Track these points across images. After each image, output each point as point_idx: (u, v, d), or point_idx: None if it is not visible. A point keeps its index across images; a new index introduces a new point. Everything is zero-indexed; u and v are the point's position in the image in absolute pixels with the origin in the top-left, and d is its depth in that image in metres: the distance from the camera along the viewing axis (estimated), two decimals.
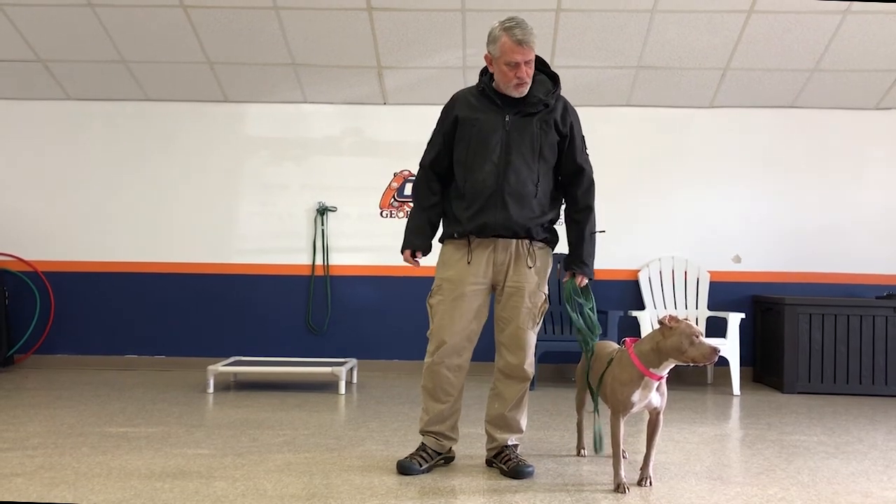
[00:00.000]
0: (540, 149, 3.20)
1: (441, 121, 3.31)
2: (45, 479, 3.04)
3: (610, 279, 6.27)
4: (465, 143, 3.21)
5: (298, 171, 6.38)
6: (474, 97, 3.26)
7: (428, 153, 3.34)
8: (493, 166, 3.15)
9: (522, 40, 3.03)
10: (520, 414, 3.33)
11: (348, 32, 5.61)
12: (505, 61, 3.07)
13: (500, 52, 3.07)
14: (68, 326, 6.35)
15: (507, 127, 3.18)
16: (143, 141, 6.43)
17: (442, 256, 3.29)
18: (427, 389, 3.27)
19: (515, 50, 3.04)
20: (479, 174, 3.16)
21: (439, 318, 3.20)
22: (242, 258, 6.36)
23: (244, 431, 4.00)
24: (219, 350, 6.29)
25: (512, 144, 3.17)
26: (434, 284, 3.27)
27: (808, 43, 5.59)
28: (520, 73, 3.08)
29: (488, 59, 3.15)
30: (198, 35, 5.67)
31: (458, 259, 3.21)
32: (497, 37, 3.07)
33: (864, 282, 6.22)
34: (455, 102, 3.30)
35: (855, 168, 6.30)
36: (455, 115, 3.25)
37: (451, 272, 3.21)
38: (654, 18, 5.41)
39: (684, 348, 2.87)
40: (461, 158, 3.22)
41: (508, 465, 3.20)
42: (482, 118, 3.19)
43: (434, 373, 3.23)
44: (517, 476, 3.14)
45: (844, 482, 3.19)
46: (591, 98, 6.23)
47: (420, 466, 3.19)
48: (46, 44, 5.80)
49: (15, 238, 6.38)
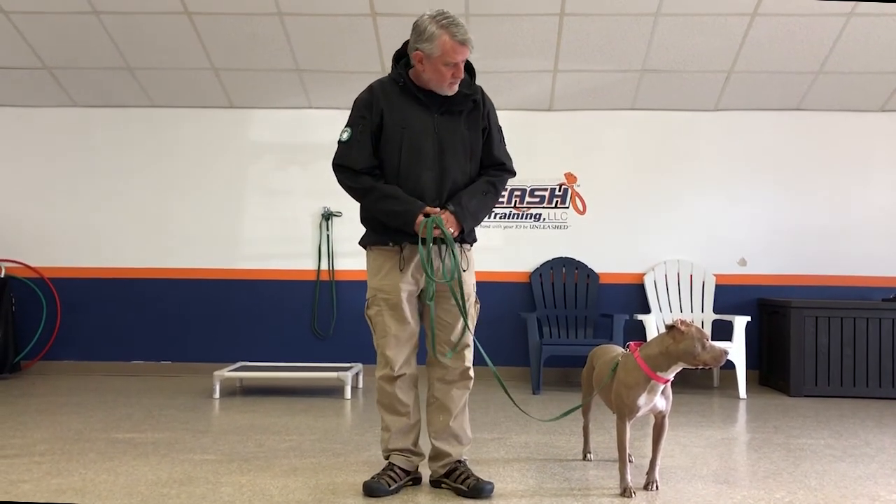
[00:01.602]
0: (471, 149, 3.02)
1: (362, 117, 2.97)
2: (52, 485, 3.05)
3: (615, 283, 6.27)
4: (394, 147, 2.95)
5: (304, 177, 6.39)
6: (395, 93, 2.98)
7: (354, 154, 2.95)
8: (430, 174, 2.95)
9: (465, 40, 2.85)
10: (466, 423, 3.11)
11: (352, 38, 5.62)
12: (444, 62, 2.86)
13: (439, 52, 2.84)
14: (74, 333, 6.36)
15: (436, 129, 2.97)
16: (149, 147, 6.45)
17: (372, 264, 3.09)
18: (384, 405, 3.06)
19: (457, 50, 2.85)
20: (416, 183, 2.94)
21: (381, 329, 3.03)
22: (248, 264, 6.38)
23: (250, 437, 4.00)
24: (224, 355, 6.30)
25: (445, 149, 2.97)
26: (368, 295, 3.09)
27: (813, 45, 5.58)
28: (458, 72, 2.91)
29: (419, 56, 2.89)
30: (202, 42, 5.69)
31: (390, 268, 3.01)
32: (434, 34, 2.84)
33: (870, 284, 6.20)
34: (375, 96, 2.98)
35: (860, 170, 6.29)
36: (381, 110, 2.95)
37: (384, 281, 3.02)
38: (658, 22, 5.41)
39: (697, 352, 2.87)
40: (392, 164, 2.95)
41: (467, 483, 2.96)
42: (411, 120, 2.95)
43: (388, 385, 3.03)
44: (478, 496, 2.92)
45: (852, 486, 3.18)
46: (595, 102, 6.23)
47: (389, 486, 2.94)
48: (52, 51, 5.82)
49: (21, 245, 6.40)
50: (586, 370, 3.51)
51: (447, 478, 3.03)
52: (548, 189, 6.33)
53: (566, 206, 6.33)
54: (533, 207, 6.31)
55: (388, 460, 3.07)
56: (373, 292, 3.08)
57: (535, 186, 6.29)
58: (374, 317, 3.07)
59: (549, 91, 6.12)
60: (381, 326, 3.05)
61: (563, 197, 6.33)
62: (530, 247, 6.26)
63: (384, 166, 2.99)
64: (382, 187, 2.95)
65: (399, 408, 3.05)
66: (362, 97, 3.02)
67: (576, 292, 6.20)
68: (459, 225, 2.96)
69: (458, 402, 3.07)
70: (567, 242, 6.31)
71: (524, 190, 6.30)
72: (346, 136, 2.98)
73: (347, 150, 2.98)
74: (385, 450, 3.10)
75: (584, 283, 6.21)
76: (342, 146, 3.00)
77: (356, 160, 2.96)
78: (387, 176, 2.98)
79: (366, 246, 3.14)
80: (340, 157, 3.00)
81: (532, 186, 6.30)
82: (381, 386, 3.06)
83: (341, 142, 3.00)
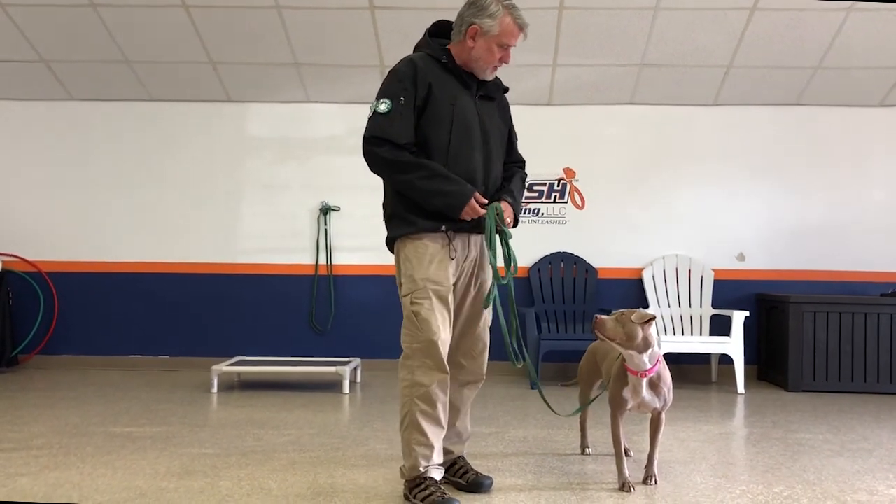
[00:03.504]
0: (506, 138, 3.00)
1: (405, 89, 2.74)
2: (49, 479, 3.04)
3: (613, 278, 6.26)
4: (443, 124, 2.77)
5: (302, 171, 6.38)
6: (439, 69, 2.82)
7: (397, 127, 2.72)
8: (479, 156, 2.83)
9: (525, 25, 2.79)
10: (468, 420, 3.05)
11: (351, 32, 5.60)
12: (499, 42, 2.78)
13: (498, 31, 2.76)
14: (72, 327, 6.35)
15: (479, 111, 2.87)
16: (146, 141, 6.43)
17: (417, 253, 2.77)
18: (427, 416, 2.72)
19: (515, 33, 2.79)
20: (468, 164, 2.79)
21: (431, 326, 2.70)
22: (245, 258, 6.37)
23: (248, 431, 4.00)
24: (222, 350, 6.29)
25: (489, 132, 2.88)
26: (411, 286, 2.75)
27: (812, 40, 5.57)
28: (507, 57, 2.83)
29: (474, 31, 2.77)
30: (200, 35, 5.67)
31: (441, 257, 2.77)
32: (496, 13, 2.75)
33: (868, 279, 6.20)
34: (420, 69, 2.78)
35: (859, 165, 6.28)
36: (428, 84, 2.76)
37: (437, 272, 2.75)
38: (658, 16, 5.40)
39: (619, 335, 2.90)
40: (441, 142, 2.77)
41: (466, 478, 2.93)
42: (459, 98, 2.81)
43: (434, 394, 2.71)
44: (478, 490, 2.89)
45: (850, 480, 3.18)
46: (594, 96, 6.22)
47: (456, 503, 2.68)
48: (49, 44, 5.80)
49: (18, 238, 6.38)
50: (585, 363, 3.51)
51: (446, 472, 2.98)
52: (546, 184, 6.32)
53: (565, 200, 6.32)
54: (531, 202, 6.30)
55: (425, 475, 2.74)
56: (420, 284, 2.74)
57: (534, 181, 6.28)
58: (424, 312, 2.72)
59: (549, 85, 6.11)
60: (431, 323, 2.71)
61: (562, 192, 6.32)
62: (529, 242, 6.25)
63: (429, 144, 2.78)
64: (431, 164, 2.73)
65: (442, 417, 2.76)
66: (403, 69, 2.78)
67: (574, 287, 6.20)
68: (515, 217, 2.90)
69: (467, 402, 3.02)
70: (565, 237, 6.31)
71: None
72: (385, 107, 2.73)
73: (388, 122, 2.72)
74: (424, 468, 2.73)
75: (582, 278, 6.21)
76: (381, 118, 2.73)
77: (399, 133, 2.73)
78: (431, 154, 2.77)
79: (403, 235, 2.81)
80: (380, 130, 2.73)
81: (530, 181, 6.29)
82: (430, 393, 2.71)
83: (379, 113, 2.74)
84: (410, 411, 2.73)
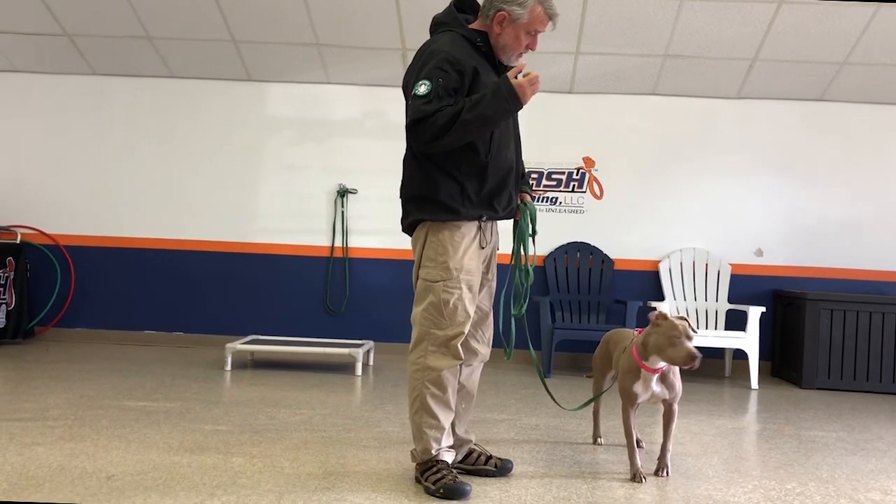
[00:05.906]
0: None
1: (451, 72, 2.63)
2: (65, 449, 3.07)
3: (630, 269, 6.24)
4: None
5: (320, 152, 6.38)
6: (476, 53, 2.77)
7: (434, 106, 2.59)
8: (514, 146, 2.84)
9: (555, 14, 2.78)
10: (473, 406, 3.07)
11: (373, 14, 5.58)
12: (528, 30, 2.75)
13: (528, 18, 2.72)
14: (88, 300, 6.40)
15: None
16: (166, 117, 6.44)
17: (451, 239, 2.71)
18: (438, 399, 2.72)
19: (544, 22, 2.77)
20: (507, 152, 2.78)
21: (459, 316, 2.70)
22: (262, 237, 6.38)
23: (261, 409, 4.02)
24: (237, 328, 6.32)
25: (516, 119, 2.89)
26: (444, 274, 2.70)
27: (839, 35, 5.50)
28: (533, 44, 2.80)
29: (502, 17, 2.72)
30: (223, 13, 5.66)
31: (474, 246, 2.76)
32: (526, 2, 2.71)
33: (886, 279, 6.15)
34: (464, 52, 2.71)
35: (882, 164, 6.21)
36: (473, 68, 2.68)
37: (470, 261, 2.74)
38: (683, 7, 5.34)
39: (663, 348, 2.84)
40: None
41: (491, 462, 2.96)
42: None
43: (446, 378, 2.71)
44: (504, 473, 2.95)
45: (864, 479, 3.16)
46: (616, 86, 6.18)
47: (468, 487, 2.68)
48: (73, 18, 5.81)
49: (37, 211, 6.43)
50: (599, 353, 3.50)
51: (464, 462, 2.98)
52: (565, 173, 6.29)
53: (583, 190, 6.29)
54: (549, 191, 6.28)
55: (437, 458, 2.75)
56: (453, 273, 2.70)
57: (553, 170, 6.25)
58: (455, 301, 2.69)
59: (570, 73, 6.07)
60: (460, 313, 2.71)
61: (581, 181, 6.29)
62: (545, 230, 6.23)
63: None
64: (458, 104, 2.59)
65: (452, 401, 2.77)
66: (449, 52, 2.66)
67: (590, 277, 6.18)
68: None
69: (476, 387, 3.01)
70: (583, 227, 6.28)
71: (541, 173, 6.26)
72: (425, 89, 2.61)
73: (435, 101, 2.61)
74: (435, 451, 2.74)
75: (598, 269, 6.18)
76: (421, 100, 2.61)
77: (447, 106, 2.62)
78: (475, 144, 2.69)
79: (439, 220, 2.72)
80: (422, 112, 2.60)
81: (549, 170, 6.26)
82: (442, 378, 2.71)
83: (419, 95, 2.61)
84: (421, 394, 2.72)
